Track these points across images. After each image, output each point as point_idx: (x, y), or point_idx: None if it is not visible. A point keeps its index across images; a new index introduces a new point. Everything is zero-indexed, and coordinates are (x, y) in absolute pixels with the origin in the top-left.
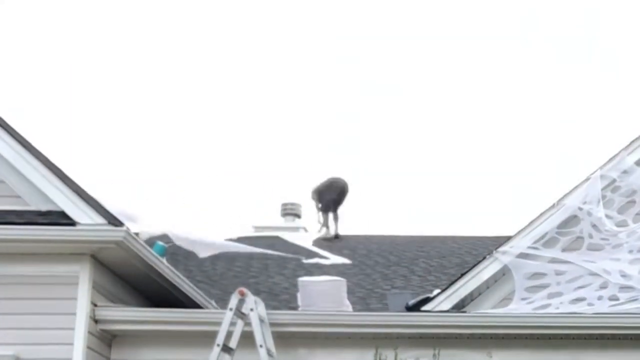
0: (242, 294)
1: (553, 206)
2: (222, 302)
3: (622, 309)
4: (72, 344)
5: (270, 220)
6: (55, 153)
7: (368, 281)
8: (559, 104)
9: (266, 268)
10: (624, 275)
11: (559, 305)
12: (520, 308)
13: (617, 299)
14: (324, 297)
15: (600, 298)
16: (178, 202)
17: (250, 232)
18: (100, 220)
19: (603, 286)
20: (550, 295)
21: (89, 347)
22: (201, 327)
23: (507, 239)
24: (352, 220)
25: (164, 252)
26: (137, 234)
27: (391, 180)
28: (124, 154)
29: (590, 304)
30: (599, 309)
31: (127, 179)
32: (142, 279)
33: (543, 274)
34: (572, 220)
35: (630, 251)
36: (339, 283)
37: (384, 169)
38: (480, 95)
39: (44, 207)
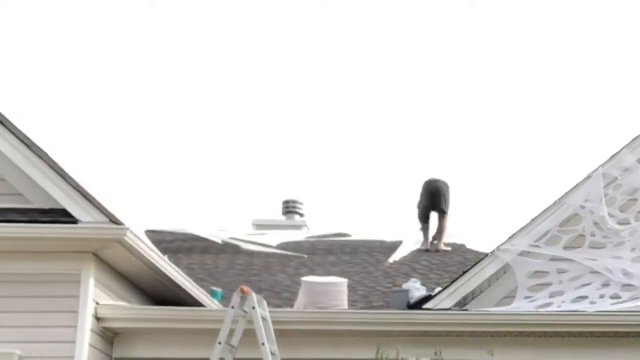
0: (244, 292)
1: (555, 204)
2: (225, 300)
3: (624, 308)
4: (74, 342)
5: (271, 217)
6: (57, 151)
7: (370, 279)
8: (560, 102)
9: (268, 266)
10: (626, 274)
11: (561, 304)
12: (523, 307)
13: (620, 298)
14: (326, 296)
15: (602, 297)
16: (179, 199)
17: (251, 230)
18: (102, 218)
19: (605, 285)
20: (553, 294)
21: (91, 345)
22: (203, 325)
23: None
24: (353, 219)
25: (221, 298)
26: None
27: (392, 179)
28: (125, 152)
29: (592, 303)
30: (601, 307)
31: (129, 177)
32: (144, 277)
33: (545, 273)
34: (574, 218)
35: (633, 249)
36: (342, 284)
37: (384, 169)
38: (481, 92)
39: (46, 205)
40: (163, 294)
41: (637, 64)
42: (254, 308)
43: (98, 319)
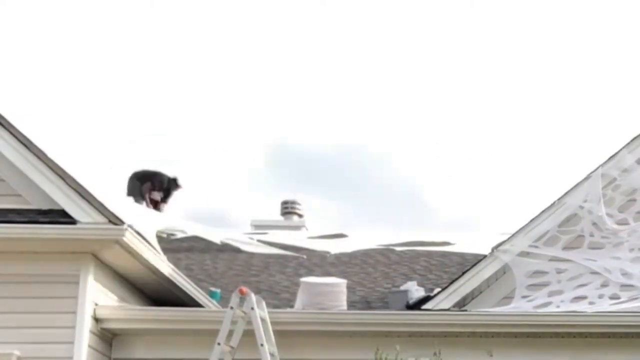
0: (243, 293)
1: (554, 205)
2: (223, 301)
3: (623, 308)
4: (73, 342)
5: (269, 217)
6: (56, 152)
7: (369, 280)
8: (560, 102)
9: (267, 266)
10: (624, 274)
11: (560, 303)
12: (521, 306)
13: (618, 298)
14: (325, 297)
15: (601, 296)
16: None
17: (249, 230)
18: (101, 219)
19: (604, 285)
20: (551, 294)
21: (90, 346)
22: (202, 326)
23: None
24: (353, 219)
25: (220, 298)
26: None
27: (391, 179)
28: (122, 150)
29: (591, 302)
30: (600, 307)
31: (125, 176)
32: (143, 277)
33: (544, 272)
34: (572, 218)
35: (631, 250)
36: (341, 285)
37: (383, 168)
38: (480, 92)
39: (45, 206)
40: (162, 295)
41: (636, 64)
42: (252, 309)
43: (97, 319)
